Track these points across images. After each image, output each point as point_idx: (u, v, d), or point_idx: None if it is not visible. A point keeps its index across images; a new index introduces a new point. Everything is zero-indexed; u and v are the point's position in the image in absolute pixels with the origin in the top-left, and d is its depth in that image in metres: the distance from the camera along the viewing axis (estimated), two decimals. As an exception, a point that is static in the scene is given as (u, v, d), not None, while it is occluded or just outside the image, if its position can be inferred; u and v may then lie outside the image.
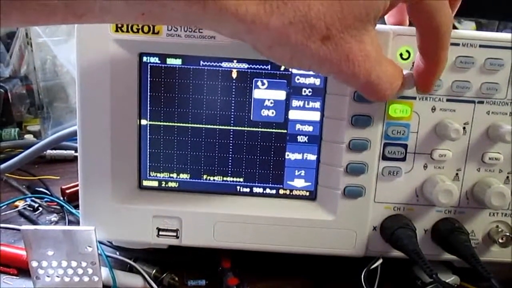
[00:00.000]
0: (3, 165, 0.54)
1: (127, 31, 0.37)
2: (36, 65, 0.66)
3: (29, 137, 0.68)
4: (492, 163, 0.39)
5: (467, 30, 1.04)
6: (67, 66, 0.69)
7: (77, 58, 0.38)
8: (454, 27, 0.98)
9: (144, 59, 0.39)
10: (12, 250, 0.44)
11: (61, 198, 0.54)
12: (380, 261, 0.39)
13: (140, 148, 0.41)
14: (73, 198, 0.53)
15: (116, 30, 0.37)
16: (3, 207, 0.52)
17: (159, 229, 0.41)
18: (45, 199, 0.54)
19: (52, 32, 0.66)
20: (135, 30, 0.37)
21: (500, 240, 0.40)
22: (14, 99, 0.68)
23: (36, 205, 0.53)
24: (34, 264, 0.39)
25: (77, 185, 0.53)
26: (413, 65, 0.34)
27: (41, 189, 0.57)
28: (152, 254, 0.43)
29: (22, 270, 0.43)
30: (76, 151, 0.65)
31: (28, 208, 0.53)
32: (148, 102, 0.40)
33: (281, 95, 0.40)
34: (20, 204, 0.53)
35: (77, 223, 0.49)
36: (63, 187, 0.55)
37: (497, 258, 0.41)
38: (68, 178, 0.59)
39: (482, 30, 1.08)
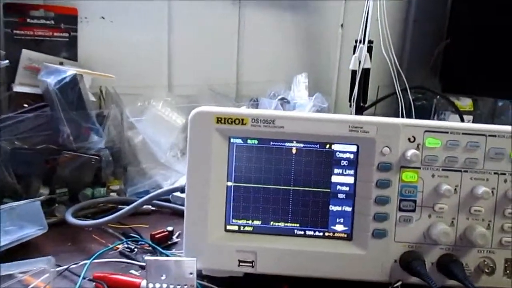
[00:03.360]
0: (108, 218, 0.70)
1: (224, 123, 0.55)
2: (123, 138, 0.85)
3: (113, 194, 0.86)
4: (477, 214, 0.55)
5: (465, 105, 1.24)
6: (144, 136, 0.88)
7: (189, 141, 0.56)
8: (453, 104, 1.17)
9: (232, 140, 0.57)
10: (127, 278, 0.60)
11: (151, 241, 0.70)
12: (400, 282, 0.54)
13: (226, 202, 0.58)
14: (160, 241, 0.69)
15: (217, 122, 0.55)
16: (108, 250, 0.68)
17: (239, 261, 0.57)
18: (140, 242, 0.70)
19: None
20: (230, 122, 0.55)
21: (487, 270, 0.55)
22: (103, 165, 0.86)
23: (133, 247, 0.69)
24: (150, 285, 0.55)
25: (162, 231, 0.70)
26: (417, 146, 0.52)
27: (133, 234, 0.73)
28: (227, 280, 0.59)
29: (135, 292, 0.58)
30: (153, 206, 0.83)
31: (126, 249, 0.69)
32: (233, 170, 0.58)
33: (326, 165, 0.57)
34: (120, 247, 0.69)
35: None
36: (152, 233, 0.71)
37: (485, 284, 0.56)
38: (152, 227, 0.75)
39: (478, 105, 1.28)
